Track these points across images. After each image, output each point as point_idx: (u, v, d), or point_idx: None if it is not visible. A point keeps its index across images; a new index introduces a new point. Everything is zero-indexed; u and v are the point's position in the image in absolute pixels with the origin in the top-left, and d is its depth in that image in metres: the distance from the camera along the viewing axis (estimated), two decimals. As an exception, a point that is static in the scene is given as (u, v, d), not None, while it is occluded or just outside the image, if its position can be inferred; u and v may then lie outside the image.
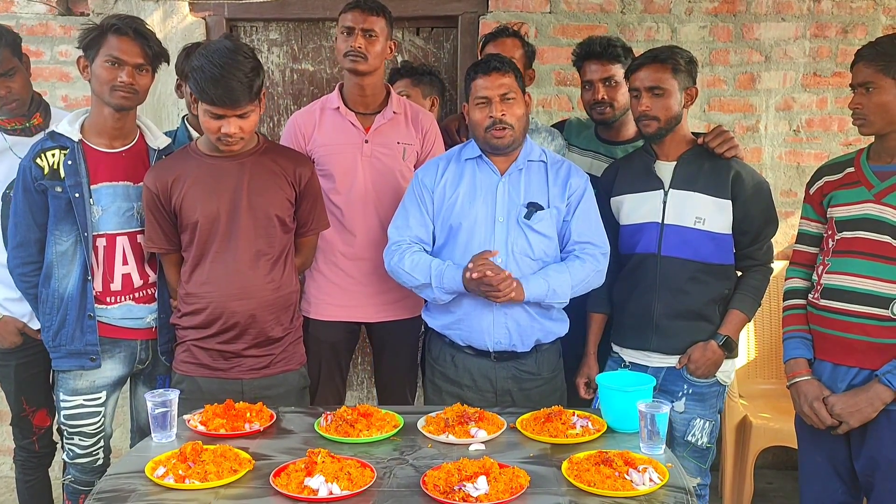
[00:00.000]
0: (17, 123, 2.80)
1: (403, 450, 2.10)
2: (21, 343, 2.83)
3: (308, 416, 2.33)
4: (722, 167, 2.56)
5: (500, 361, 2.57)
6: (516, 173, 2.55)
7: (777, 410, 3.42)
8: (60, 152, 2.51)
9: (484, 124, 2.48)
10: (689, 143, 2.62)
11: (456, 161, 2.61)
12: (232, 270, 2.47)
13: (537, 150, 2.61)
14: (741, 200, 2.54)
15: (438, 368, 2.65)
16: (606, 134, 3.05)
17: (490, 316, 2.51)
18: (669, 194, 2.58)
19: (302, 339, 2.67)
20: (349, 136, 2.84)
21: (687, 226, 2.54)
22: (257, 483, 1.89)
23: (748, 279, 2.61)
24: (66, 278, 2.53)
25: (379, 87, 2.90)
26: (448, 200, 2.56)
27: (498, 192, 2.53)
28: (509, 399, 2.58)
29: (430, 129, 2.95)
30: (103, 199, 2.54)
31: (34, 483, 3.04)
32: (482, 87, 2.47)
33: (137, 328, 2.63)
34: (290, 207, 2.55)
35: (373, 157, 2.85)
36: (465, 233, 2.53)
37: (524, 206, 2.52)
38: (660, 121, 2.52)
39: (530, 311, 2.52)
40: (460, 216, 2.54)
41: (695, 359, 2.54)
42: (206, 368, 2.52)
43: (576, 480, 1.86)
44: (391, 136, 2.88)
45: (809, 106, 3.82)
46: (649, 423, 2.03)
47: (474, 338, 2.55)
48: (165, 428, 2.14)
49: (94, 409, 2.61)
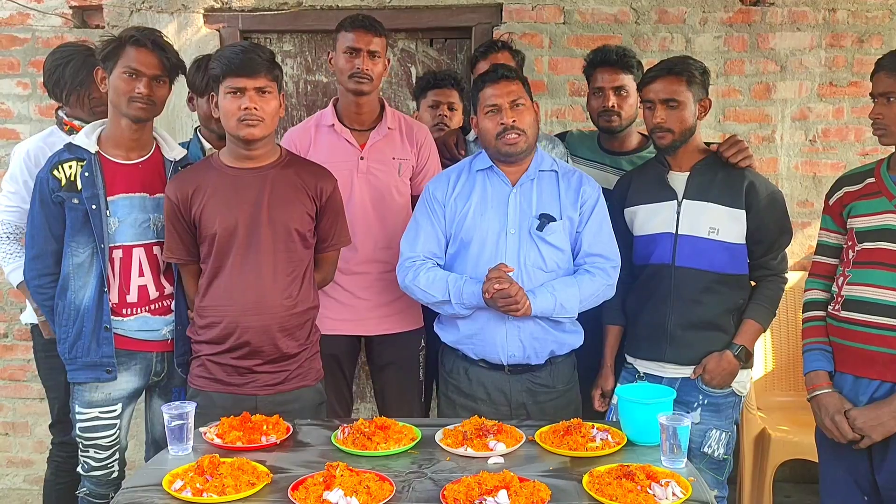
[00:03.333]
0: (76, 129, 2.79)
1: (422, 463, 2.08)
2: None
3: (325, 429, 2.32)
4: (736, 177, 2.55)
5: (513, 374, 2.55)
6: (528, 184, 2.54)
7: (796, 423, 3.38)
8: (77, 164, 2.51)
9: (495, 131, 2.47)
10: (702, 153, 2.61)
11: (467, 172, 2.60)
12: (249, 284, 2.46)
13: (548, 159, 2.59)
14: (755, 210, 2.52)
15: (452, 382, 2.63)
16: (610, 144, 3.04)
17: (503, 329, 2.50)
18: (683, 205, 2.56)
19: (319, 354, 2.65)
20: (345, 154, 2.84)
21: (701, 236, 2.53)
22: (275, 497, 1.88)
23: (763, 289, 2.59)
24: (83, 290, 2.52)
25: (375, 103, 2.90)
26: (459, 213, 2.55)
27: (510, 204, 2.52)
28: (524, 412, 2.56)
29: (425, 143, 2.95)
30: (120, 210, 2.54)
31: (64, 487, 3.01)
32: (491, 96, 2.47)
33: (153, 340, 2.62)
34: (310, 222, 2.54)
35: (369, 173, 2.85)
36: (476, 245, 2.51)
37: (536, 217, 2.50)
38: (674, 133, 2.52)
39: (543, 324, 2.50)
40: (471, 229, 2.52)
41: (710, 369, 2.52)
42: (220, 383, 2.50)
43: (597, 494, 1.83)
44: (386, 153, 2.88)
45: (825, 116, 3.80)
46: (671, 436, 2.00)
47: (488, 351, 2.54)
48: (182, 440, 2.13)
49: (110, 421, 2.60)
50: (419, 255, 2.56)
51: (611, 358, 2.72)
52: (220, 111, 2.43)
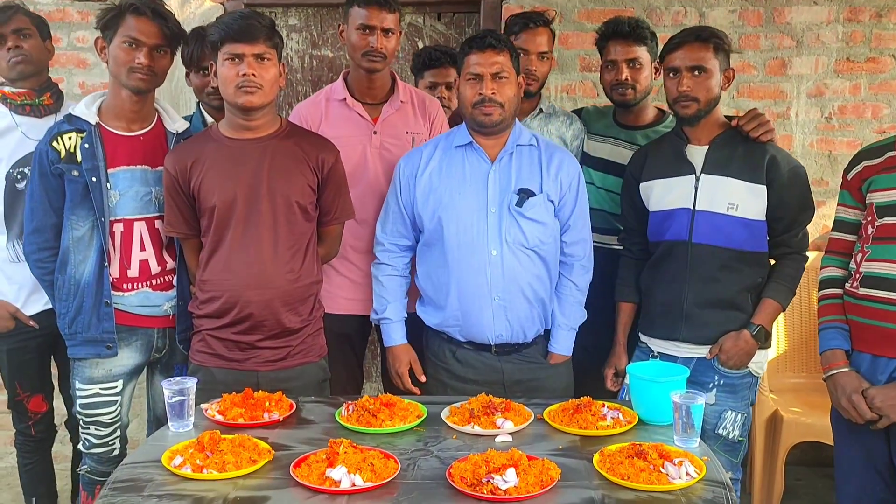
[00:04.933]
0: (26, 97, 2.77)
1: (428, 440, 2.03)
2: (13, 328, 2.79)
3: (329, 406, 2.27)
4: (756, 151, 2.47)
5: (501, 355, 2.52)
6: (507, 158, 2.49)
7: (808, 405, 3.33)
8: (77, 135, 2.46)
9: (473, 100, 2.41)
10: (722, 126, 2.53)
11: (444, 148, 2.54)
12: (249, 258, 2.40)
13: (527, 134, 2.54)
14: (776, 186, 2.44)
15: (441, 365, 2.59)
16: (625, 119, 2.97)
17: (489, 310, 2.45)
18: (701, 179, 2.49)
19: (322, 330, 2.60)
20: (357, 128, 2.77)
21: (719, 212, 2.45)
22: (277, 474, 1.83)
23: (782, 267, 2.52)
24: (83, 264, 2.48)
25: (386, 76, 2.83)
26: (436, 191, 2.49)
27: (489, 182, 2.46)
28: (519, 390, 2.51)
29: (437, 117, 2.89)
30: (120, 183, 2.49)
31: (33, 467, 3.03)
32: (475, 64, 2.40)
33: (154, 316, 2.58)
34: (311, 194, 2.48)
35: (382, 148, 2.78)
36: (454, 225, 2.46)
37: (515, 192, 2.45)
38: (699, 102, 2.43)
39: (532, 303, 2.47)
40: (449, 208, 2.47)
41: (727, 349, 2.46)
42: (221, 359, 2.46)
43: (608, 474, 1.78)
44: (399, 127, 2.81)
45: (842, 92, 3.71)
46: (684, 415, 1.95)
47: (474, 332, 2.50)
48: (183, 417, 2.08)
49: (111, 398, 2.56)
50: (388, 239, 2.60)
51: (624, 336, 2.67)
52: (219, 79, 2.38)
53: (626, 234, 2.74)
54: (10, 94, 2.78)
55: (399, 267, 2.63)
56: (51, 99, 2.82)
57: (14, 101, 2.77)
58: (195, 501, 1.70)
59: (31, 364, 2.88)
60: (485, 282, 2.44)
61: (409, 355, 2.62)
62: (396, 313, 2.62)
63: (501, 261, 2.42)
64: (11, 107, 2.77)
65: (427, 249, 2.55)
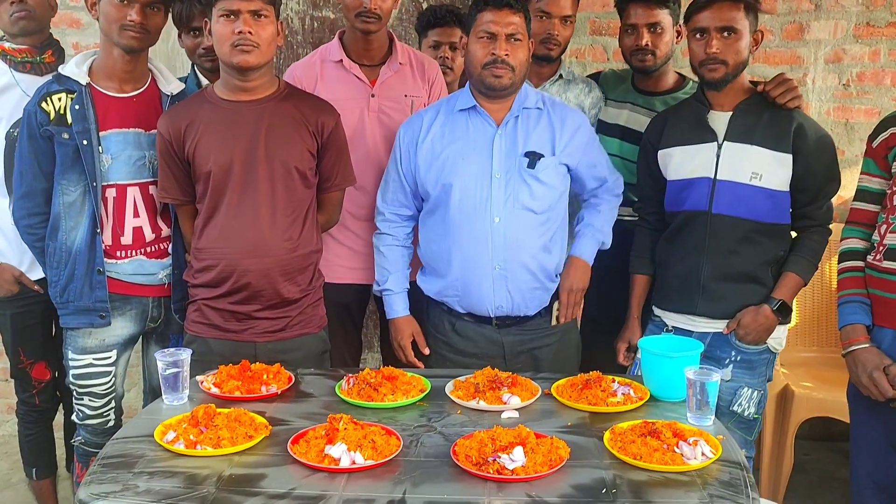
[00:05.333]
0: (27, 55, 2.68)
1: (431, 416, 1.96)
2: (17, 292, 2.72)
3: (329, 379, 2.20)
4: (783, 118, 2.35)
5: (502, 328, 2.44)
6: (512, 122, 2.39)
7: (820, 379, 3.26)
8: (67, 96, 2.37)
9: (483, 60, 2.30)
10: (746, 92, 2.41)
11: (447, 112, 2.44)
12: (246, 225, 2.32)
13: (533, 96, 2.44)
14: (803, 155, 2.33)
15: (441, 338, 2.52)
16: (644, 84, 2.85)
17: (489, 280, 2.37)
18: (724, 147, 2.37)
19: (322, 300, 2.52)
20: (354, 91, 2.67)
21: (742, 181, 2.34)
22: (274, 450, 1.76)
23: (805, 240, 2.42)
24: (74, 231, 2.40)
25: (384, 37, 2.72)
26: (439, 157, 2.40)
27: (494, 147, 2.37)
28: (521, 363, 2.44)
29: (437, 79, 2.79)
30: (113, 146, 2.40)
31: (34, 437, 2.97)
32: (489, 22, 2.29)
33: (149, 284, 2.51)
34: (311, 159, 2.39)
35: (380, 111, 2.69)
36: (458, 192, 2.37)
37: (523, 155, 2.36)
38: (728, 66, 2.31)
39: (536, 274, 2.39)
40: (452, 174, 2.38)
41: (745, 324, 2.37)
42: (217, 329, 2.38)
43: (620, 453, 1.70)
44: (398, 90, 2.71)
45: (861, 58, 3.58)
46: (698, 392, 1.87)
47: (474, 304, 2.42)
48: (177, 389, 2.01)
49: (105, 368, 2.50)
50: (388, 208, 2.53)
51: (637, 309, 2.58)
52: (213, 37, 2.27)
53: (641, 203, 2.64)
54: (11, 51, 2.68)
55: (400, 237, 2.55)
56: (52, 56, 2.73)
57: (14, 58, 2.68)
58: (188, 479, 1.63)
59: (34, 330, 2.80)
60: (486, 250, 2.36)
61: (411, 327, 2.55)
62: (398, 284, 2.54)
63: (504, 229, 2.34)
64: (11, 64, 2.68)
65: (429, 217, 2.46)
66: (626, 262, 2.62)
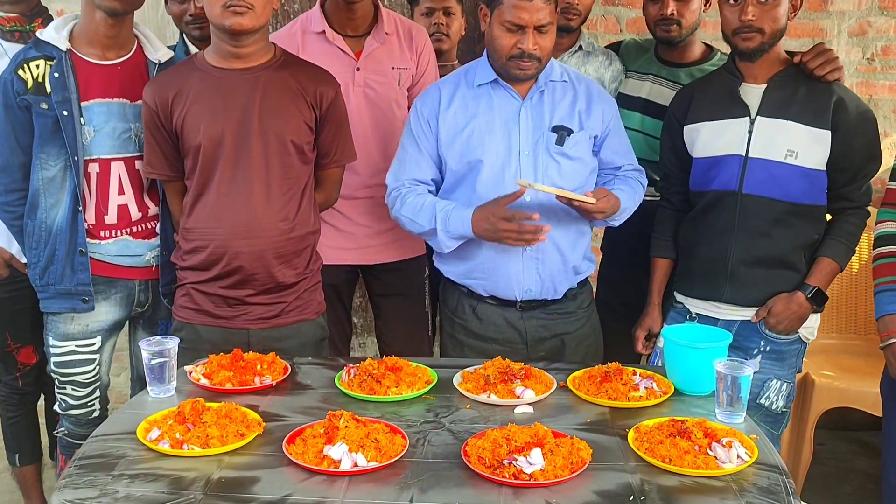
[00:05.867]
0: (16, 23, 2.53)
1: (438, 411, 1.81)
2: (7, 276, 2.57)
3: (327, 369, 2.06)
4: (821, 92, 2.19)
5: (526, 311, 2.29)
6: (538, 96, 2.23)
7: (841, 368, 3.13)
8: (46, 63, 2.20)
9: (509, 52, 2.12)
10: (782, 63, 2.24)
11: (465, 86, 2.27)
12: (239, 204, 2.17)
13: (558, 69, 2.27)
14: (842, 131, 2.17)
15: (458, 322, 2.37)
16: (669, 55, 2.69)
17: (520, 262, 2.22)
18: (757, 122, 2.21)
19: (320, 284, 2.38)
20: (339, 65, 2.50)
21: (776, 160, 2.19)
22: (268, 450, 1.61)
23: (842, 223, 2.27)
24: (55, 209, 2.24)
25: (368, 5, 2.56)
26: (462, 133, 2.23)
27: (521, 121, 2.21)
28: (544, 350, 2.30)
29: (425, 49, 2.64)
30: (95, 118, 2.24)
31: (17, 421, 2.83)
32: (518, 10, 2.06)
33: (136, 266, 2.35)
34: (308, 133, 2.24)
35: (366, 86, 2.54)
36: (486, 169, 2.21)
37: (551, 130, 2.20)
38: (764, 34, 2.14)
39: (565, 255, 2.24)
40: (478, 151, 2.21)
41: (776, 312, 2.23)
42: (207, 315, 2.24)
43: (647, 455, 1.56)
44: (384, 62, 2.56)
45: (886, 31, 3.43)
46: (730, 387, 1.72)
47: (500, 287, 2.27)
48: (163, 381, 1.86)
49: (88, 356, 2.35)
50: (403, 183, 2.29)
51: (658, 295, 2.43)
52: (205, 3, 2.10)
53: (664, 182, 2.48)
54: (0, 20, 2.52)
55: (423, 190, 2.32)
56: (42, 25, 2.55)
57: (3, 26, 2.53)
58: (172, 483, 1.48)
59: (24, 314, 2.65)
60: None
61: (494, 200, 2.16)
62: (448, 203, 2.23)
63: (533, 205, 2.16)
64: (0, 33, 2.51)
65: (449, 195, 2.28)
66: (644, 245, 2.47)
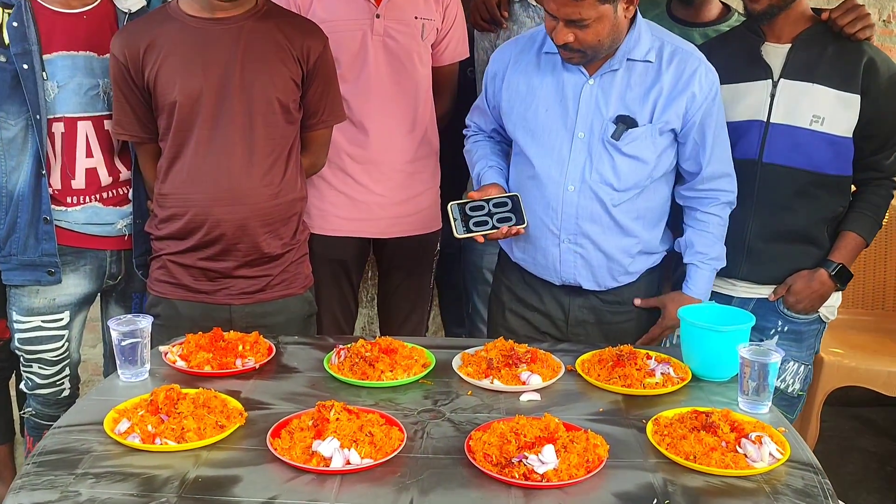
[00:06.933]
0: None
1: (437, 398, 1.67)
2: None
3: (315, 350, 1.90)
4: (851, 52, 2.04)
5: (569, 294, 2.12)
6: (609, 76, 1.96)
7: (849, 345, 3.01)
8: (3, 11, 2.03)
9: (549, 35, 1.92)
10: (808, 20, 2.09)
11: (530, 51, 2.06)
12: (219, 167, 2.01)
13: (645, 45, 1.96)
14: (873, 95, 2.03)
15: (505, 282, 2.22)
16: (683, 13, 2.52)
17: (556, 251, 2.05)
18: (780, 85, 2.07)
19: (308, 256, 2.23)
20: (357, 10, 2.33)
21: (801, 126, 2.05)
22: (250, 443, 1.46)
23: (868, 194, 2.14)
24: (15, 172, 2.09)
25: None
26: (524, 99, 2.03)
27: (582, 100, 1.97)
28: (583, 332, 2.13)
29: (452, 2, 2.46)
30: (59, 72, 2.08)
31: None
32: (546, 1, 1.85)
33: (106, 236, 2.20)
34: (295, 90, 2.08)
35: (386, 35, 2.35)
36: (537, 146, 2.01)
37: (612, 120, 1.96)
38: None
39: (612, 256, 2.04)
40: (534, 124, 2.02)
41: (797, 290, 2.10)
42: (185, 290, 2.09)
43: (669, 451, 1.42)
44: (407, 10, 2.37)
45: (904, -8, 3.29)
46: (756, 374, 1.58)
47: (538, 268, 2.12)
48: (135, 363, 1.70)
49: (56, 332, 2.20)
50: (470, 126, 2.27)
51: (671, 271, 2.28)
52: None
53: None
54: None
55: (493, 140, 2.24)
56: None
57: None
58: (143, 483, 1.32)
59: None
60: (554, 218, 2.01)
61: None
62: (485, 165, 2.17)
63: (578, 200, 1.98)
64: None
65: (517, 157, 2.12)
66: None
